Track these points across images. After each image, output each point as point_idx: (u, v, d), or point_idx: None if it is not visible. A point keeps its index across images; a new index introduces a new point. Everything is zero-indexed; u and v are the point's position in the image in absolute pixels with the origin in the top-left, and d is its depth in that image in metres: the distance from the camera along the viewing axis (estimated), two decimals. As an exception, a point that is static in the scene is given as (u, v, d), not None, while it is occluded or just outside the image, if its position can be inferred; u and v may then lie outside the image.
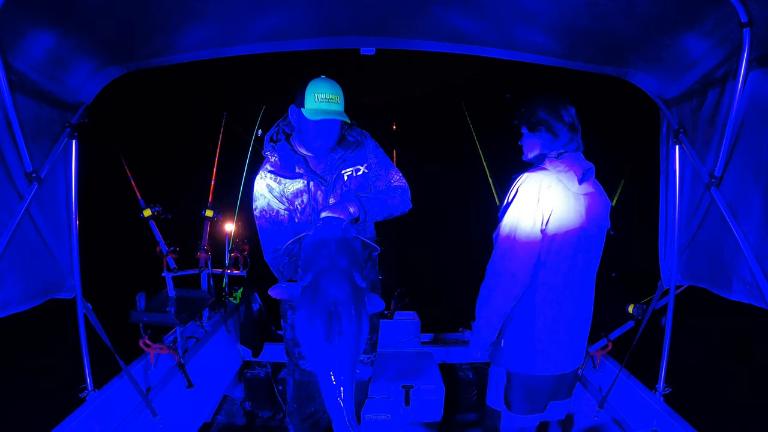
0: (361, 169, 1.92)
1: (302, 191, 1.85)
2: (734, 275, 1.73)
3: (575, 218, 1.70)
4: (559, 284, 1.73)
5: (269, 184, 1.84)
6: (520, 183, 1.70)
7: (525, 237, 1.66)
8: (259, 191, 1.86)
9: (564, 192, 1.68)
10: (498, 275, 1.71)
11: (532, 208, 1.66)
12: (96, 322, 2.02)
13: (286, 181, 1.84)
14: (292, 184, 1.85)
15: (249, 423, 3.01)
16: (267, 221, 1.85)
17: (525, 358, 1.77)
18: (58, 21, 1.57)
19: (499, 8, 1.86)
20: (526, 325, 1.75)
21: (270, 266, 1.94)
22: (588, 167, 1.75)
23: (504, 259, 1.70)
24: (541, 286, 1.72)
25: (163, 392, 2.42)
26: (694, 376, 2.91)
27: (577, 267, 1.74)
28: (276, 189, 1.84)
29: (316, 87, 1.71)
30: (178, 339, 2.70)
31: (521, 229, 1.66)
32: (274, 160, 1.87)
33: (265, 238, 1.88)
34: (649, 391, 2.18)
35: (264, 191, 1.84)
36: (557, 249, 1.70)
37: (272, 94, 8.11)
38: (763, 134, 1.57)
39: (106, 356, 2.07)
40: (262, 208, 1.85)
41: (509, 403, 1.84)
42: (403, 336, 3.11)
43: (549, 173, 1.70)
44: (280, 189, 1.84)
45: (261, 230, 1.89)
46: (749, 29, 1.49)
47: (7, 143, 1.55)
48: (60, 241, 1.87)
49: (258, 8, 1.83)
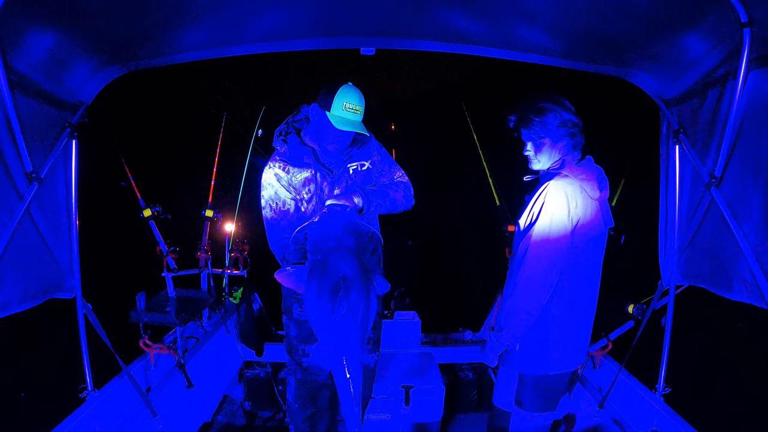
0: (366, 165, 1.95)
1: (309, 180, 1.88)
2: (734, 275, 1.74)
3: (597, 226, 1.69)
4: (573, 288, 1.71)
5: (277, 173, 1.88)
6: (547, 193, 1.64)
7: (558, 246, 1.61)
8: (267, 180, 1.89)
9: (587, 200, 1.66)
10: (530, 288, 1.65)
11: (563, 218, 1.61)
12: (96, 322, 2.02)
13: (294, 170, 1.87)
14: (300, 174, 1.87)
15: (249, 423, 3.00)
16: (273, 210, 1.88)
17: (539, 360, 1.76)
18: (58, 21, 1.57)
19: (499, 8, 1.86)
20: (540, 328, 1.73)
21: (276, 255, 1.97)
22: (600, 171, 1.73)
23: (536, 269, 1.64)
24: (557, 290, 1.70)
25: (163, 392, 2.42)
26: (694, 376, 2.91)
27: (589, 269, 1.74)
28: (284, 178, 1.87)
29: (345, 95, 1.73)
30: (178, 339, 2.70)
31: (554, 238, 1.61)
32: (283, 150, 1.91)
33: (272, 228, 1.91)
34: (649, 391, 2.18)
35: (272, 180, 1.87)
36: (576, 256, 1.67)
37: (272, 94, 8.07)
38: (762, 134, 1.58)
39: (106, 356, 2.07)
40: (269, 197, 1.88)
41: (521, 403, 1.82)
42: (403, 336, 3.11)
43: (573, 181, 1.66)
44: (288, 178, 1.87)
45: (267, 220, 1.91)
46: (749, 29, 1.49)
47: (7, 143, 1.55)
48: (60, 241, 1.87)
49: (258, 8, 1.83)
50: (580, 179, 1.67)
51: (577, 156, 1.74)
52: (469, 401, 3.07)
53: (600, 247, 1.77)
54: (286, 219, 1.89)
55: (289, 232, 1.84)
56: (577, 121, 1.71)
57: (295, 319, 1.99)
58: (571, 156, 1.73)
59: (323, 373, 2.00)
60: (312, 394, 2.04)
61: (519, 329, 1.71)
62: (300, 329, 1.99)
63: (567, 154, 1.74)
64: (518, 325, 1.70)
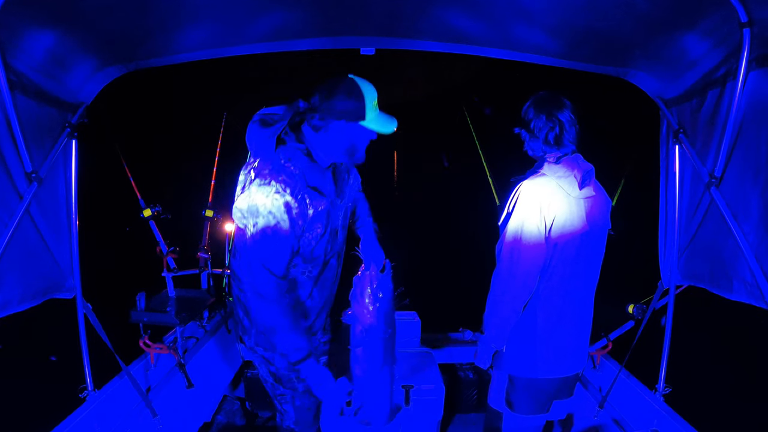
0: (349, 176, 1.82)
1: (323, 214, 1.57)
2: (734, 275, 1.74)
3: (577, 224, 1.68)
4: (560, 289, 1.72)
5: (289, 203, 1.45)
6: (520, 192, 1.67)
7: (530, 246, 1.64)
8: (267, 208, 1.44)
9: (565, 198, 1.66)
10: (505, 286, 1.69)
11: (535, 216, 1.63)
12: (96, 322, 2.02)
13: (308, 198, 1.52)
14: (319, 204, 1.55)
15: (249, 423, 3.00)
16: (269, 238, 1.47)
17: (527, 362, 1.77)
18: (58, 21, 1.57)
19: (499, 8, 1.86)
20: (526, 329, 1.75)
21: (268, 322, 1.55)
22: (587, 169, 1.72)
23: (510, 269, 1.67)
24: (542, 292, 1.71)
25: (163, 392, 2.42)
26: (694, 376, 2.91)
27: (578, 271, 1.74)
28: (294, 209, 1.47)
29: (369, 95, 1.50)
30: (178, 339, 2.70)
31: (525, 238, 1.63)
32: (291, 168, 1.50)
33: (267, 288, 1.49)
34: (649, 391, 2.18)
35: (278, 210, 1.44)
36: (559, 255, 1.68)
37: (272, 94, 8.08)
38: (762, 134, 1.57)
39: (106, 356, 2.07)
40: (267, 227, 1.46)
41: (512, 404, 1.84)
42: (403, 336, 3.11)
43: (548, 179, 1.68)
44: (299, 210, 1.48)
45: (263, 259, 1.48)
46: (749, 29, 1.49)
47: (7, 143, 1.55)
48: (60, 241, 1.87)
49: (258, 8, 1.83)
50: (557, 176, 1.67)
51: (558, 152, 1.71)
52: (469, 401, 3.07)
53: (592, 248, 1.76)
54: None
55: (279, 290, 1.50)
56: (553, 116, 1.69)
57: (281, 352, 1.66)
58: (551, 153, 1.72)
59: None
60: (315, 414, 1.90)
61: (499, 331, 1.73)
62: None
63: (546, 151, 1.73)
64: (497, 326, 1.73)
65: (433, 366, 2.83)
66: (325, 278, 1.76)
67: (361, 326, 1.58)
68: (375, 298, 1.55)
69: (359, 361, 1.60)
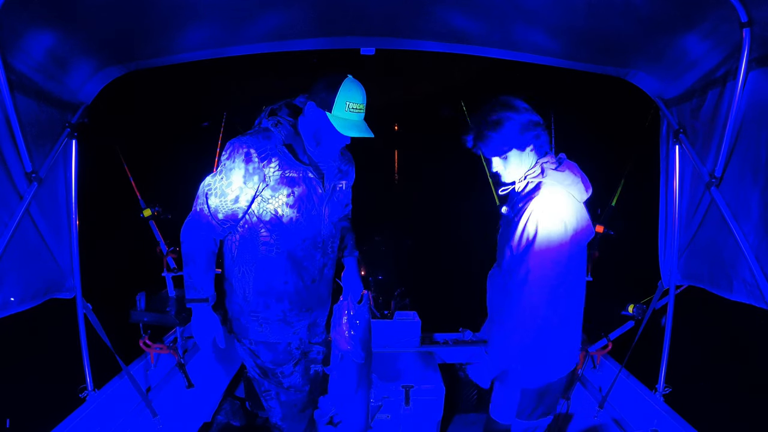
0: (343, 185, 1.86)
1: (294, 182, 1.63)
2: (734, 275, 1.74)
3: (587, 230, 1.63)
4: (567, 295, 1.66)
5: (250, 154, 1.57)
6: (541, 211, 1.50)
7: (558, 270, 1.53)
8: (229, 166, 1.58)
9: (577, 206, 1.57)
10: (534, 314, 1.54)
11: (561, 236, 1.50)
12: (96, 322, 2.02)
13: (274, 163, 1.59)
14: (289, 171, 1.62)
15: (249, 423, 3.00)
16: (217, 205, 1.60)
17: (540, 372, 1.72)
18: (58, 21, 1.57)
19: (499, 8, 1.86)
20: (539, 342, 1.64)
21: (186, 250, 1.68)
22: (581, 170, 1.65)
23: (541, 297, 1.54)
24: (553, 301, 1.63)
25: (163, 392, 2.43)
26: (694, 376, 2.91)
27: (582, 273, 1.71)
28: (256, 164, 1.57)
29: (348, 94, 1.54)
30: (178, 339, 2.70)
31: (554, 261, 1.51)
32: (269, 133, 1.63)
33: (198, 223, 1.63)
34: (649, 391, 2.18)
35: (238, 165, 1.56)
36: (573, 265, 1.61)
37: (272, 94, 8.05)
38: (762, 134, 1.58)
39: (106, 356, 2.07)
40: (220, 186, 1.59)
41: (523, 414, 1.79)
42: (403, 336, 3.11)
43: (559, 190, 1.54)
44: (262, 169, 1.58)
45: (199, 213, 1.63)
46: (749, 29, 1.49)
47: (7, 143, 1.55)
48: (60, 241, 1.87)
49: (258, 8, 1.83)
50: (566, 185, 1.55)
51: (551, 157, 1.61)
52: (469, 401, 3.08)
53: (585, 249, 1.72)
54: (227, 222, 1.63)
55: (218, 236, 1.64)
56: (537, 119, 1.58)
57: (265, 342, 1.80)
58: (547, 160, 1.59)
59: (306, 388, 1.91)
60: (301, 410, 1.91)
61: (519, 353, 1.62)
62: (275, 352, 1.81)
63: (540, 157, 1.61)
64: (518, 349, 1.61)
65: (433, 366, 2.84)
66: (304, 267, 1.74)
67: (338, 351, 1.71)
68: (351, 325, 1.67)
69: (335, 383, 1.74)
